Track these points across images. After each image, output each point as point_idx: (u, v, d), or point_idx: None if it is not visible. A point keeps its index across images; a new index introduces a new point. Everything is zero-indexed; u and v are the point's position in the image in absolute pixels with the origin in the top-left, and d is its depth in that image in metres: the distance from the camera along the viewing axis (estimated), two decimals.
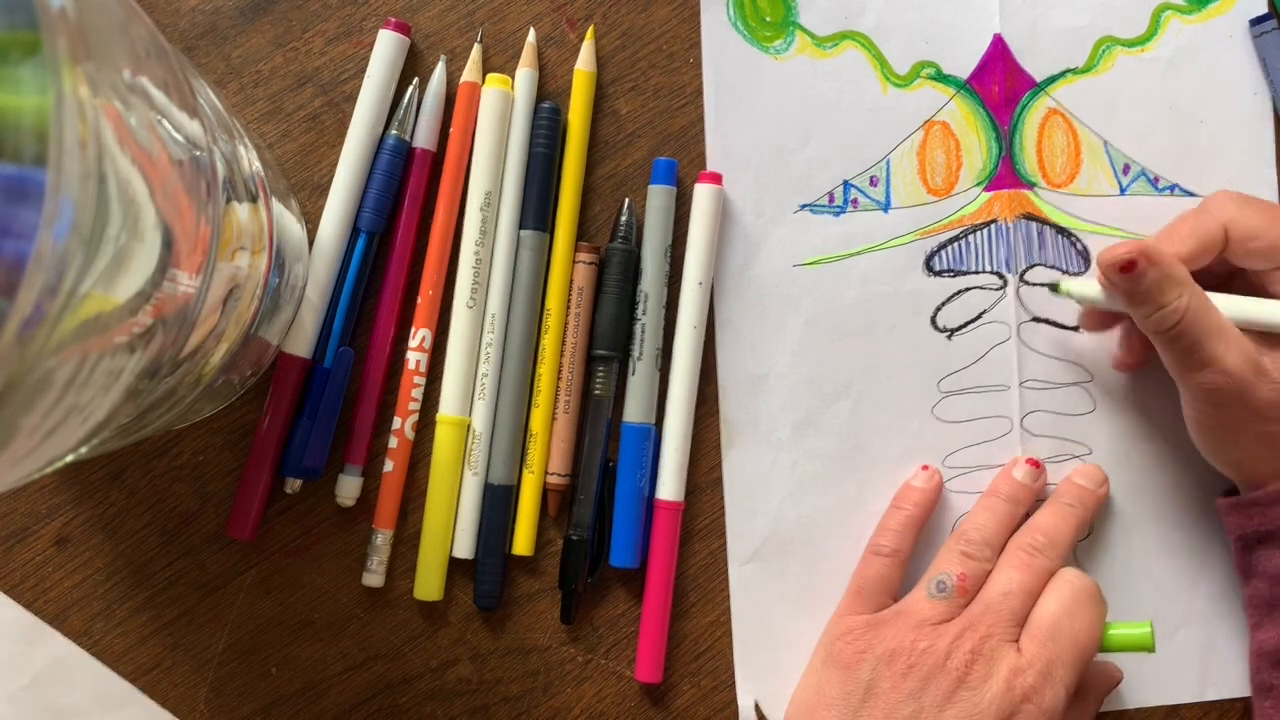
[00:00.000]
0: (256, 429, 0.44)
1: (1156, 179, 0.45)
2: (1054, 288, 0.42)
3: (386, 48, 0.44)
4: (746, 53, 0.45)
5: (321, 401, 0.43)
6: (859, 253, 0.45)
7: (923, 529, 0.44)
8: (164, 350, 0.28)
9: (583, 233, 0.45)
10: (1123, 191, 0.45)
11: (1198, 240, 0.40)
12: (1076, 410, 0.45)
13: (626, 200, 0.45)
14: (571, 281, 0.44)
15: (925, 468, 0.44)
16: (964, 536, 0.42)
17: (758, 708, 0.44)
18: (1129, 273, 0.38)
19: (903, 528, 0.43)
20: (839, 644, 0.40)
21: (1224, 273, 0.41)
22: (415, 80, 0.45)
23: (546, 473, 0.44)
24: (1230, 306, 0.39)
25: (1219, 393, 0.38)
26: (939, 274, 0.45)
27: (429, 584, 0.44)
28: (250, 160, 0.36)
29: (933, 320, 0.45)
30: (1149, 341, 0.40)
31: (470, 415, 0.44)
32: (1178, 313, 0.38)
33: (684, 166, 0.45)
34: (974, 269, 0.45)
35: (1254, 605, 0.42)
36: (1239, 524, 0.41)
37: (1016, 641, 0.38)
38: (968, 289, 0.45)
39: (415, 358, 0.44)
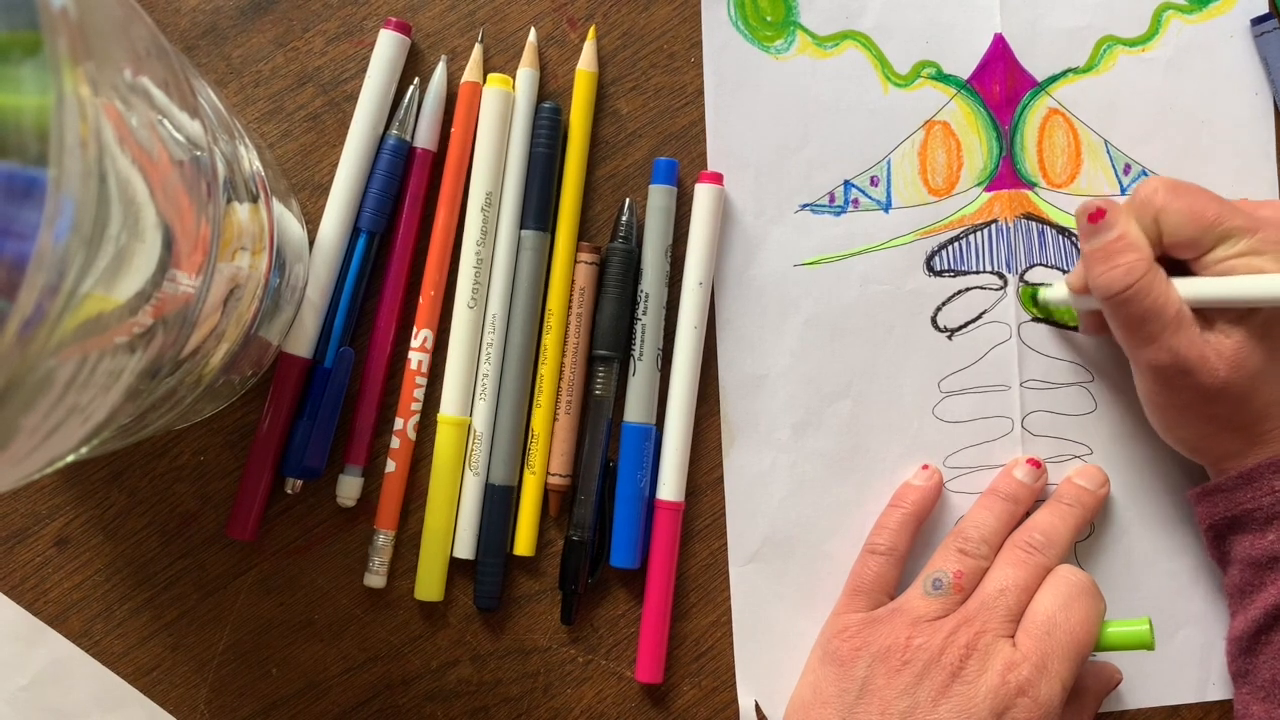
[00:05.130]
0: (257, 429, 0.44)
1: None
2: (1034, 299, 0.45)
3: (387, 47, 0.44)
4: (747, 52, 0.45)
5: (322, 402, 0.43)
6: (859, 253, 0.45)
7: (921, 528, 0.44)
8: (164, 350, 0.28)
9: (583, 233, 0.45)
10: (1123, 191, 0.45)
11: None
12: (1077, 410, 0.45)
13: (627, 200, 0.45)
14: (572, 281, 0.44)
15: (925, 467, 0.44)
16: (962, 534, 0.42)
17: (758, 708, 0.44)
18: (1095, 222, 0.39)
19: (899, 526, 0.43)
20: (835, 641, 0.40)
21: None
22: (416, 80, 0.45)
23: (547, 473, 0.44)
24: (1186, 288, 0.39)
25: (1164, 371, 0.39)
26: (939, 274, 0.45)
27: (430, 584, 0.44)
28: (251, 160, 0.36)
29: (933, 320, 0.45)
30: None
31: (471, 415, 0.44)
32: (1131, 275, 0.38)
33: (685, 166, 0.45)
34: (974, 269, 0.45)
35: (1230, 594, 0.42)
36: (1208, 513, 0.42)
37: (1012, 637, 0.38)
38: (968, 289, 0.45)
39: (416, 358, 0.44)
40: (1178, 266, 0.40)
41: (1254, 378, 0.38)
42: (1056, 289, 0.44)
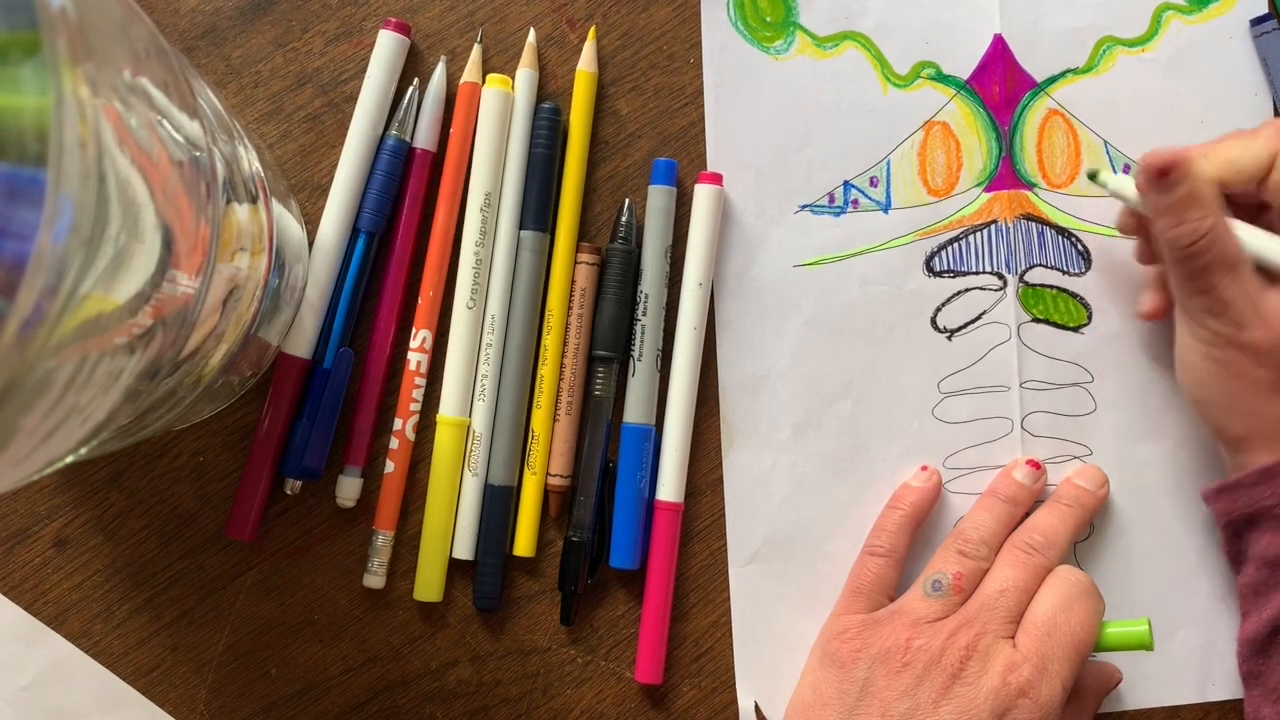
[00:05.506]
0: (256, 430, 0.44)
1: None
2: (1093, 175, 0.42)
3: (387, 48, 0.44)
4: (747, 53, 0.45)
5: (321, 402, 0.43)
6: (859, 253, 0.45)
7: (920, 529, 0.44)
8: (164, 351, 0.28)
9: (583, 233, 0.45)
10: None
11: (1241, 166, 0.39)
12: (1076, 411, 0.45)
13: (627, 201, 0.45)
14: (572, 282, 0.44)
15: (924, 468, 0.44)
16: (961, 536, 0.42)
17: (758, 708, 0.44)
18: (1162, 180, 0.38)
19: (898, 528, 0.43)
20: (835, 643, 0.40)
21: (1253, 205, 0.40)
22: (415, 81, 0.45)
23: (547, 473, 0.44)
24: (1251, 239, 0.38)
25: (1215, 322, 0.38)
26: (939, 274, 0.45)
27: (429, 585, 0.44)
28: (250, 161, 0.36)
29: (933, 321, 0.45)
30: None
31: (470, 416, 0.44)
32: (1197, 233, 0.38)
33: (684, 167, 0.45)
34: (974, 269, 0.45)
35: (1243, 593, 0.42)
36: (1225, 509, 0.41)
37: (1012, 638, 0.38)
38: (968, 289, 0.45)
39: (415, 358, 0.44)
40: (1241, 210, 0.39)
41: None
42: (1125, 183, 0.41)
